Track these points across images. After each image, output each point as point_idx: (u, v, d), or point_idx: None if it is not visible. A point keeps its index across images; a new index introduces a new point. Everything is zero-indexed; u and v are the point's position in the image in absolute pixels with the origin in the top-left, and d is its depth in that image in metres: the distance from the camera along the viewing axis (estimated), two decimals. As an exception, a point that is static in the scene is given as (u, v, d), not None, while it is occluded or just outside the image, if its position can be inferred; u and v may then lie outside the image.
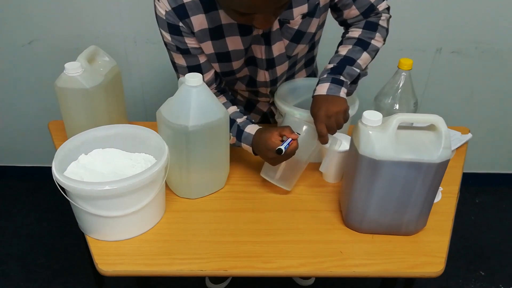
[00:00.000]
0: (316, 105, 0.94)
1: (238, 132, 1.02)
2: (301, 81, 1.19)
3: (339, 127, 0.93)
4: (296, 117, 1.00)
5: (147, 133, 0.94)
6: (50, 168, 0.84)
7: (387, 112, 1.01)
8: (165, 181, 0.90)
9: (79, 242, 1.72)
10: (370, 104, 1.07)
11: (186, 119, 0.87)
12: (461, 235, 1.87)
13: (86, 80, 1.04)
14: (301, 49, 1.07)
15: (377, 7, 1.02)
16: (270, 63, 1.06)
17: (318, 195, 1.02)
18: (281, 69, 1.09)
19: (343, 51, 1.01)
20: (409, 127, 0.85)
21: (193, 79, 0.87)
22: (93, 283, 1.63)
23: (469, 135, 1.21)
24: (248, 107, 1.27)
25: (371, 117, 0.81)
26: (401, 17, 1.70)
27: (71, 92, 1.04)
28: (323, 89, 0.95)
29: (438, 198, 1.00)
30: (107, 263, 0.83)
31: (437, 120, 0.79)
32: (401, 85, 1.04)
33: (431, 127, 0.83)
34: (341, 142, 0.99)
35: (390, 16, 1.06)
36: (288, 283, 1.65)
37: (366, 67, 1.04)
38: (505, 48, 1.78)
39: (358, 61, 0.99)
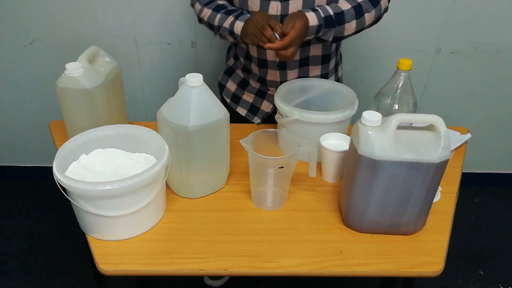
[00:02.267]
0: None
1: (239, 13, 1.09)
2: (301, 81, 1.19)
3: (292, 37, 0.98)
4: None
5: (148, 133, 0.95)
6: (50, 168, 0.85)
7: (387, 112, 1.02)
8: (166, 181, 0.91)
9: (79, 242, 1.72)
10: (370, 104, 1.08)
11: (186, 119, 0.88)
12: (461, 235, 1.88)
13: (87, 80, 1.04)
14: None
15: None
16: None
17: (317, 195, 1.02)
18: (294, 5, 1.10)
19: (344, 5, 1.07)
20: (409, 127, 0.85)
21: (193, 79, 0.88)
22: (93, 283, 1.63)
23: (468, 135, 1.21)
24: (260, 94, 1.31)
25: (371, 117, 0.81)
26: (400, 17, 1.71)
27: (72, 92, 1.05)
28: (311, 17, 1.03)
29: (437, 198, 1.00)
30: (108, 263, 0.83)
31: (436, 120, 0.80)
32: (400, 85, 1.04)
33: (430, 127, 0.83)
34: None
35: (387, 9, 1.10)
36: (288, 283, 1.66)
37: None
38: (505, 48, 1.79)
39: (345, 25, 1.07)
